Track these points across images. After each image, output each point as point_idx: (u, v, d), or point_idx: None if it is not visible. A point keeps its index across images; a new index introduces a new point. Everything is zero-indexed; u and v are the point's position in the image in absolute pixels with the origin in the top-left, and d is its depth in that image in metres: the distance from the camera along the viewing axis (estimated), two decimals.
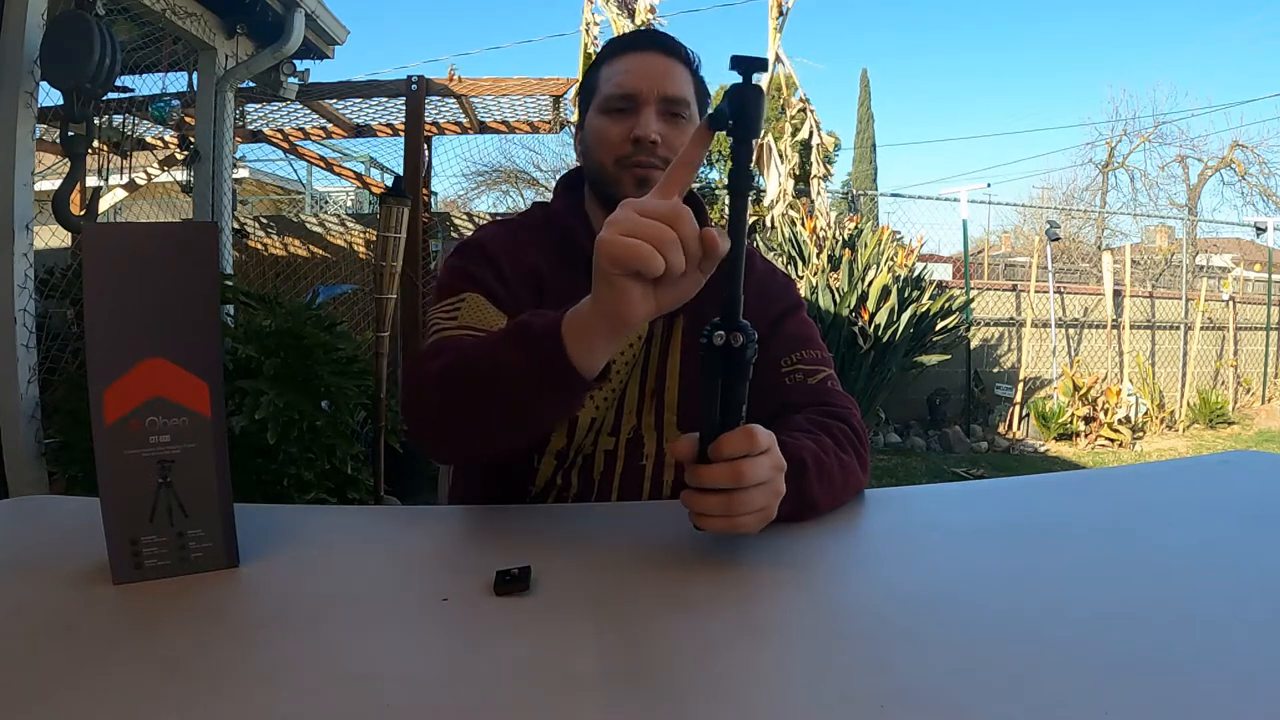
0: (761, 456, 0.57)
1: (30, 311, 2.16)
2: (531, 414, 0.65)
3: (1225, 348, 7.06)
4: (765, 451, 0.57)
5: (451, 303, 0.79)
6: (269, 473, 2.09)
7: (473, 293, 0.79)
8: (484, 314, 0.78)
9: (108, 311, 0.51)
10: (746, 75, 0.50)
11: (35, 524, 0.68)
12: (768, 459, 0.58)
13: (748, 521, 0.58)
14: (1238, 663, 0.44)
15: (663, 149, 0.82)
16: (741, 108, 0.50)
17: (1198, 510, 0.76)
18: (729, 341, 0.53)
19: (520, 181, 11.93)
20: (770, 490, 0.58)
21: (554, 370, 0.58)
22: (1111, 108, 28.60)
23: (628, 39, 0.89)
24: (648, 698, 0.40)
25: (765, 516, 0.59)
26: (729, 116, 0.50)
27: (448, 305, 0.79)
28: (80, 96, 2.20)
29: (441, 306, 0.79)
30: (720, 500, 0.56)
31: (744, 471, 0.55)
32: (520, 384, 0.61)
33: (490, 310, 0.79)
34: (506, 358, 0.62)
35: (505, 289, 0.82)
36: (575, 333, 0.57)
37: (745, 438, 0.56)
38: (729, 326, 0.53)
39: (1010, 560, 0.62)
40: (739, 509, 0.57)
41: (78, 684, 0.40)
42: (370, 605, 0.51)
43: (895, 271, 4.83)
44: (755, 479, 0.56)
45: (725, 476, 0.56)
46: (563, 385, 0.59)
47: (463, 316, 0.78)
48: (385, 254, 2.60)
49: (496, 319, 0.78)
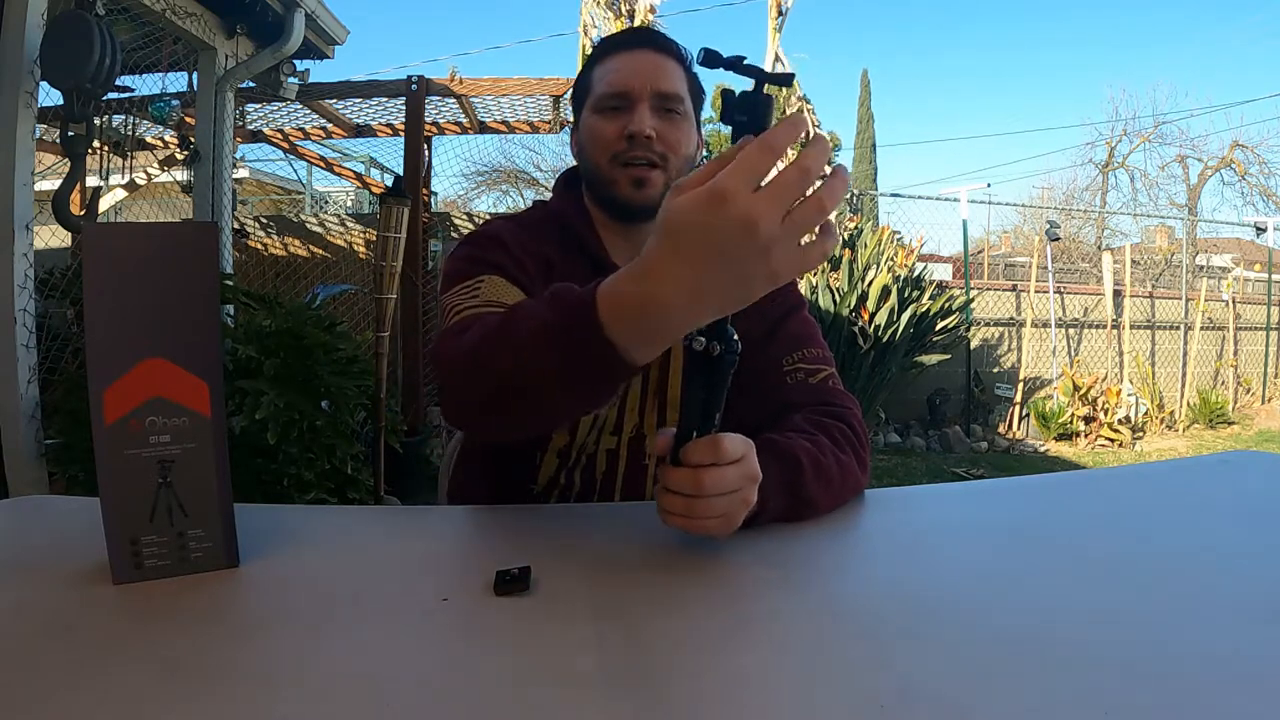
0: (729, 467, 0.57)
1: (30, 311, 2.16)
2: (570, 388, 0.57)
3: (1225, 348, 7.06)
4: (735, 462, 0.57)
5: (470, 284, 0.77)
6: (269, 473, 2.09)
7: (490, 275, 0.78)
8: (505, 292, 0.76)
9: (108, 311, 0.51)
10: (759, 82, 0.50)
11: (35, 524, 0.68)
12: (735, 470, 0.57)
13: (708, 525, 0.58)
14: (1238, 663, 0.44)
15: (658, 144, 0.82)
16: (754, 114, 0.49)
17: (1198, 510, 0.76)
18: (708, 349, 0.53)
19: (520, 181, 11.92)
20: (737, 499, 0.58)
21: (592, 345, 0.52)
22: (1111, 108, 28.63)
23: (619, 38, 0.89)
24: (647, 698, 0.40)
25: (728, 523, 0.59)
26: (748, 126, 0.49)
27: (467, 286, 0.76)
28: (80, 96, 2.20)
29: (459, 290, 0.76)
30: (682, 502, 0.57)
31: (703, 481, 0.56)
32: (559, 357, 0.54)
33: (510, 289, 0.77)
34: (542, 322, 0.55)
35: (521, 271, 0.80)
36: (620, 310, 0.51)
37: (710, 448, 0.56)
38: (711, 334, 0.53)
39: (1010, 560, 0.62)
40: (699, 514, 0.57)
41: (78, 684, 0.40)
42: (370, 605, 0.51)
43: (895, 271, 4.83)
44: (716, 489, 0.56)
45: (686, 482, 0.56)
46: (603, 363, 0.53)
47: (484, 294, 0.75)
48: (385, 254, 2.60)
49: (517, 296, 0.76)
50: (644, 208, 0.84)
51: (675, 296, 0.47)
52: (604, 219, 0.87)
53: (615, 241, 0.87)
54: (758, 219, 0.43)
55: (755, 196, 0.44)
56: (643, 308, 0.49)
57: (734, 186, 0.44)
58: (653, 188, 0.83)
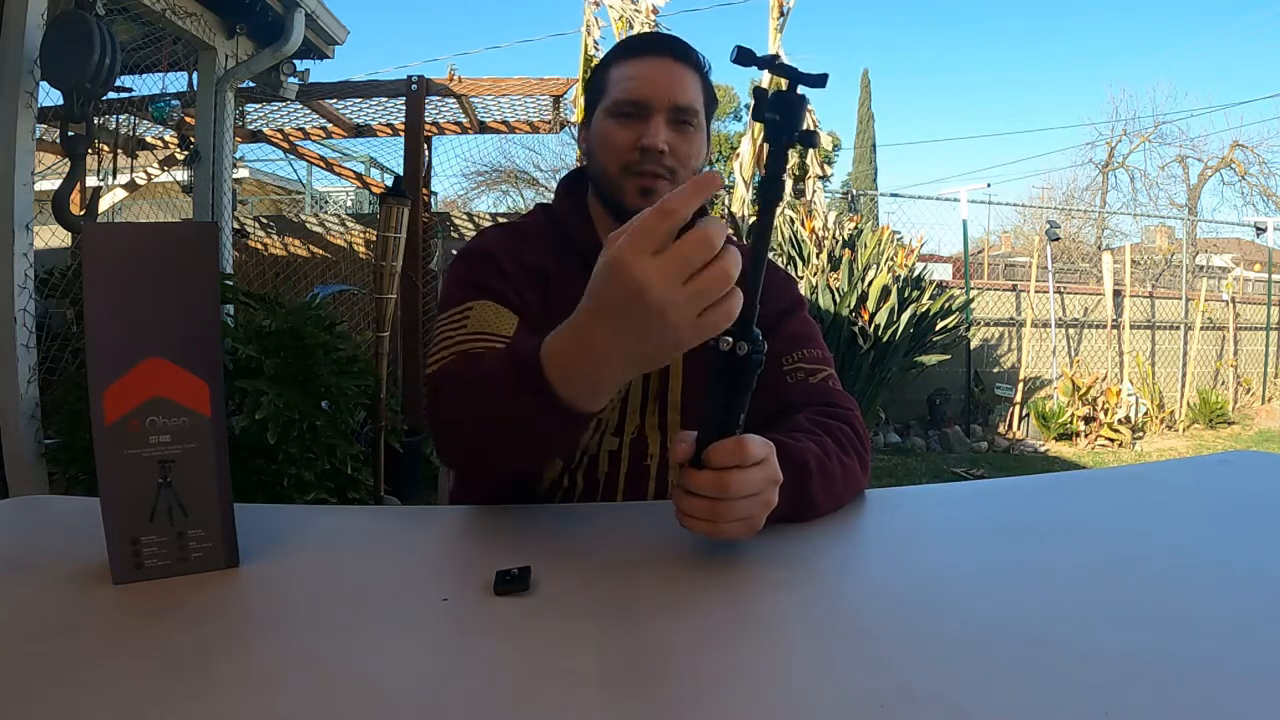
0: (753, 469, 0.56)
1: (30, 311, 2.16)
2: (544, 443, 0.65)
3: (1225, 348, 7.06)
4: (758, 463, 0.57)
5: (459, 311, 0.78)
6: (269, 473, 2.09)
7: (479, 300, 0.79)
8: (493, 318, 0.77)
9: (108, 311, 0.51)
10: (794, 84, 0.49)
11: (35, 524, 0.68)
12: (759, 471, 0.57)
13: (731, 529, 0.58)
14: (1238, 662, 0.44)
15: (669, 158, 0.82)
16: (788, 113, 0.49)
17: (1197, 510, 0.76)
18: (735, 349, 0.52)
19: (520, 181, 11.94)
20: (759, 501, 0.58)
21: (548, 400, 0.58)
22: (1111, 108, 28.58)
23: (641, 41, 0.88)
24: (648, 698, 0.40)
25: (751, 526, 0.58)
26: (781, 125, 0.49)
27: (455, 315, 0.78)
28: (80, 96, 2.20)
29: (449, 317, 0.79)
30: (705, 505, 0.56)
31: (729, 484, 0.55)
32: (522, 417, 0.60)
33: (500, 314, 0.78)
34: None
35: (512, 289, 0.81)
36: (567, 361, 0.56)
37: (736, 449, 0.56)
38: (737, 333, 0.52)
39: (1010, 560, 0.61)
40: (723, 517, 0.57)
41: (78, 684, 0.40)
42: (370, 605, 0.51)
43: (895, 271, 4.83)
44: (741, 491, 0.56)
45: (711, 485, 0.56)
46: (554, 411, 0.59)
47: (471, 324, 0.77)
48: (385, 254, 2.60)
49: (507, 321, 0.77)
50: None
51: (598, 353, 0.51)
52: (606, 222, 0.87)
53: None
54: (648, 286, 0.45)
55: (648, 263, 0.46)
56: (576, 364, 0.53)
57: (626, 255, 0.46)
58: (659, 197, 0.83)
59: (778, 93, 0.50)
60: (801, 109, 0.50)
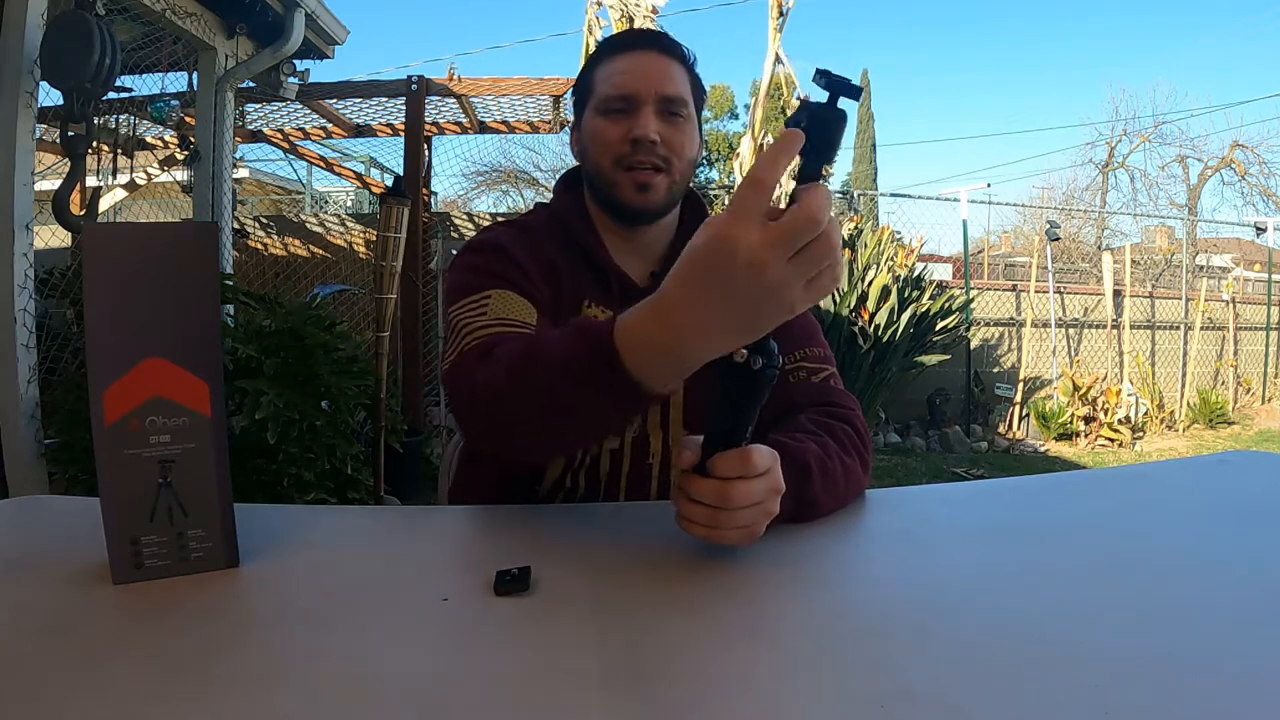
0: (757, 480, 0.56)
1: (30, 311, 2.16)
2: (597, 418, 0.60)
3: (1225, 348, 7.06)
4: (762, 474, 0.57)
5: (477, 299, 0.76)
6: (269, 473, 2.09)
7: (496, 289, 0.77)
8: (513, 306, 0.75)
9: (108, 311, 0.51)
10: (834, 96, 0.48)
11: (35, 524, 0.68)
12: (763, 482, 0.57)
13: (731, 536, 0.58)
14: (1238, 663, 0.44)
15: (662, 148, 0.82)
16: (824, 130, 0.48)
17: (1197, 510, 0.76)
18: (749, 362, 0.51)
19: (520, 181, 11.94)
20: (761, 510, 0.58)
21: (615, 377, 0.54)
22: (1111, 108, 28.58)
23: (623, 38, 0.88)
24: (648, 698, 0.40)
25: (751, 534, 0.58)
26: (810, 137, 0.47)
27: (474, 302, 0.75)
28: (80, 96, 2.20)
29: (466, 305, 0.75)
30: (707, 513, 0.57)
31: (731, 495, 0.55)
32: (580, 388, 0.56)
33: (518, 301, 0.76)
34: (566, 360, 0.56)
35: (527, 280, 0.80)
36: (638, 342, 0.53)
37: (740, 461, 0.56)
38: (754, 348, 0.51)
39: (1010, 560, 0.61)
40: (724, 524, 0.57)
41: (78, 684, 0.40)
42: (370, 605, 0.51)
43: (895, 271, 4.83)
44: (743, 502, 0.56)
45: (714, 494, 0.56)
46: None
47: (492, 310, 0.74)
48: (385, 254, 2.60)
49: (528, 311, 0.76)
50: (647, 211, 0.84)
51: (691, 335, 0.49)
52: (605, 221, 0.87)
53: (616, 244, 0.87)
54: (765, 264, 0.45)
55: (761, 241, 0.44)
56: (661, 345, 0.50)
57: (735, 231, 0.45)
58: (656, 192, 0.83)
59: (817, 106, 0.48)
60: (842, 127, 0.48)
